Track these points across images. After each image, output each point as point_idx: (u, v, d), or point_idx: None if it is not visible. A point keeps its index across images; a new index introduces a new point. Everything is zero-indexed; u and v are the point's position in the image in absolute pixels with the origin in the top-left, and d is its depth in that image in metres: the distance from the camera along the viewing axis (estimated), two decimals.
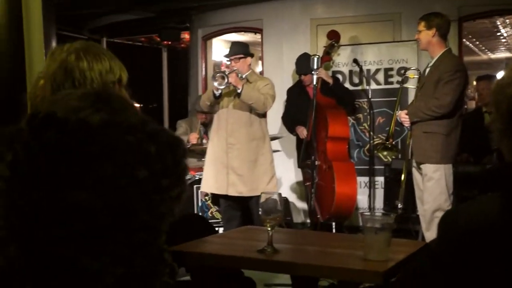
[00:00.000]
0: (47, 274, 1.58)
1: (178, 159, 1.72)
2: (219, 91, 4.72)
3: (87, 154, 1.62)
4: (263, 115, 4.94)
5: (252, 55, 5.04)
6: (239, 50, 4.93)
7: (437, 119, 4.21)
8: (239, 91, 4.65)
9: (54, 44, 6.52)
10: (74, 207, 1.59)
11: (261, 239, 2.00)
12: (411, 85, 5.46)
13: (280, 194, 2.07)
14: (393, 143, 5.27)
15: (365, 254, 1.82)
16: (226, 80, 4.64)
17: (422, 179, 4.32)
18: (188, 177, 5.56)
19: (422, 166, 4.32)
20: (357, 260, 1.82)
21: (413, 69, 5.41)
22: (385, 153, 5.26)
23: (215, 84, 4.67)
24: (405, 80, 5.45)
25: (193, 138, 6.03)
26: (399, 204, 4.88)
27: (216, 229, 5.25)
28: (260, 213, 1.98)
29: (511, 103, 1.20)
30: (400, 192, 4.86)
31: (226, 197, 4.88)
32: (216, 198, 5.22)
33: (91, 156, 1.62)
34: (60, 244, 1.58)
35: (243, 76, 4.85)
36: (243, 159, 4.81)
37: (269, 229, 1.96)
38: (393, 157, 5.60)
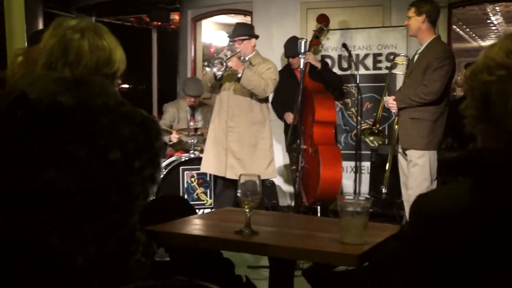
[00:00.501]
0: (16, 255, 1.58)
1: (151, 140, 1.72)
2: (220, 74, 4.70)
3: (59, 135, 1.61)
4: (265, 100, 4.92)
5: (256, 37, 5.01)
6: (243, 31, 4.91)
7: (424, 106, 4.22)
8: (239, 75, 4.62)
9: (40, 22, 6.46)
10: (45, 189, 1.59)
11: (240, 220, 2.00)
12: (400, 71, 5.46)
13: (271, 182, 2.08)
14: (380, 128, 5.29)
15: (341, 238, 1.83)
16: (224, 66, 4.62)
17: (407, 165, 4.35)
18: (174, 158, 5.58)
19: (407, 152, 4.34)
20: (334, 243, 1.82)
21: (402, 55, 5.41)
22: (371, 138, 5.28)
23: (214, 69, 4.65)
24: (393, 66, 5.46)
25: (174, 137, 5.99)
26: (384, 189, 4.92)
27: (201, 211, 5.28)
28: (238, 194, 1.99)
29: (485, 89, 1.21)
30: (385, 178, 4.89)
31: (223, 178, 4.89)
32: (214, 179, 5.24)
33: (63, 137, 1.61)
34: (29, 225, 1.58)
35: (246, 58, 4.83)
36: (243, 143, 4.82)
37: (247, 211, 1.96)
38: (380, 142, 5.62)
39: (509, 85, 1.18)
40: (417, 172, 4.25)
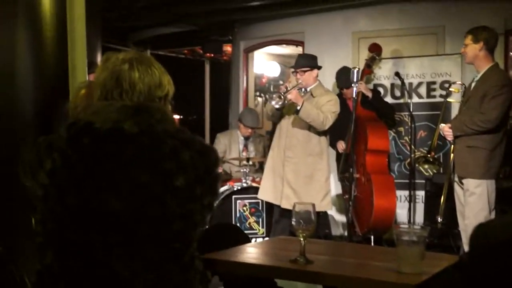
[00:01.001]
0: (80, 279, 1.63)
1: (210, 167, 1.75)
2: (280, 104, 4.72)
3: (123, 161, 1.66)
4: (324, 132, 4.91)
5: (319, 67, 5.01)
6: (306, 63, 4.93)
7: (481, 134, 4.15)
8: (298, 107, 4.64)
9: (99, 55, 6.69)
10: (109, 215, 1.64)
11: (295, 249, 2.00)
12: (455, 99, 5.38)
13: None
14: (435, 156, 5.19)
15: (398, 267, 1.80)
16: (282, 100, 4.64)
17: (464, 194, 4.25)
18: (226, 187, 5.62)
19: (464, 180, 4.26)
20: (390, 273, 1.80)
21: (458, 83, 5.33)
22: (426, 166, 5.19)
23: (273, 103, 4.68)
24: (449, 94, 5.40)
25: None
26: (440, 219, 4.80)
27: (254, 240, 5.28)
28: (293, 223, 1.99)
29: None
30: (441, 207, 4.78)
31: (280, 207, 4.90)
32: (268, 207, 5.24)
33: (126, 163, 1.66)
34: (93, 250, 1.62)
35: (308, 89, 4.84)
36: (299, 173, 4.82)
37: (301, 239, 1.96)
38: (435, 171, 5.52)
39: None
40: (474, 201, 4.15)
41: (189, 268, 1.71)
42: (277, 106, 4.68)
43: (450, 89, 5.34)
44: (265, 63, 8.74)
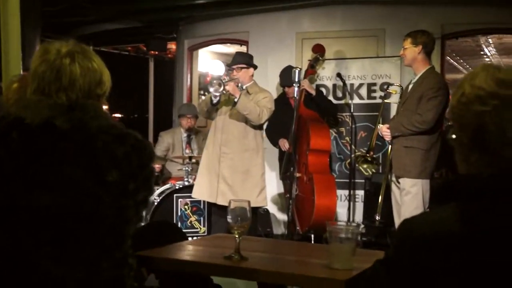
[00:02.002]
0: (9, 280, 1.59)
1: (144, 162, 1.74)
2: (217, 98, 4.73)
3: (54, 157, 1.63)
4: (259, 127, 4.95)
5: (255, 67, 5.05)
6: (242, 60, 4.97)
7: (418, 135, 4.26)
8: (236, 100, 4.66)
9: None
10: (39, 212, 1.60)
11: (231, 246, 2.01)
12: (393, 101, 5.50)
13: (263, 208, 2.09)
14: (374, 156, 5.29)
15: (330, 263, 1.84)
16: (222, 87, 4.65)
17: (400, 193, 4.35)
18: (168, 186, 5.58)
19: (400, 180, 4.36)
20: (323, 269, 1.83)
21: (396, 85, 5.44)
22: (365, 166, 5.28)
23: (211, 89, 4.68)
24: (387, 95, 5.51)
25: (156, 167, 6.00)
26: (378, 217, 4.91)
27: (195, 239, 5.26)
28: (228, 220, 2.00)
29: (479, 120, 1.23)
30: (379, 206, 4.89)
31: (216, 205, 4.89)
32: (208, 206, 5.23)
33: (58, 159, 1.63)
34: (22, 250, 1.58)
35: (244, 87, 4.86)
36: (235, 169, 4.82)
37: (236, 236, 1.97)
38: (373, 170, 5.62)
39: (504, 114, 1.20)
40: (409, 200, 4.26)
41: (122, 265, 1.69)
42: (216, 94, 4.67)
43: (388, 90, 5.45)
44: (209, 61, 8.72)
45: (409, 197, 4.25)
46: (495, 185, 1.19)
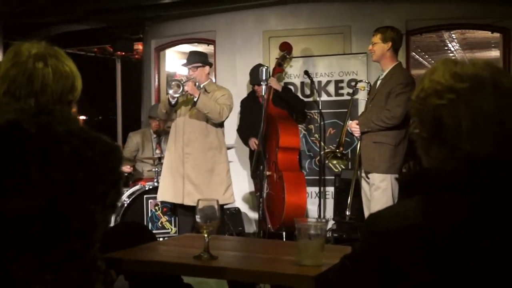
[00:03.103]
0: None
1: (113, 166, 1.73)
2: (175, 99, 4.71)
3: (20, 160, 1.61)
4: (220, 125, 4.94)
5: (210, 64, 5.05)
6: (197, 59, 4.94)
7: (386, 130, 4.29)
8: (195, 99, 4.64)
9: (1, 53, 6.41)
10: (3, 215, 1.58)
11: (200, 246, 2.00)
12: (361, 97, 5.55)
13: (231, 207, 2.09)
14: (343, 152, 5.30)
15: (299, 260, 1.85)
16: (181, 89, 4.63)
17: (370, 189, 4.39)
18: (137, 187, 5.54)
19: (370, 175, 4.38)
20: (292, 266, 1.84)
21: (364, 82, 5.47)
22: (335, 161, 5.30)
23: (170, 92, 4.65)
24: (355, 91, 5.55)
25: (126, 168, 5.93)
26: (348, 213, 4.94)
27: (166, 238, 5.24)
28: (197, 219, 1.99)
29: (436, 113, 1.25)
30: (349, 202, 4.93)
31: (182, 206, 4.87)
32: (174, 207, 5.21)
33: (22, 162, 1.61)
34: None
35: (201, 85, 4.85)
36: (199, 169, 4.81)
37: (205, 235, 1.97)
38: (343, 166, 5.66)
39: (460, 107, 1.22)
40: (379, 195, 4.29)
41: (91, 269, 1.68)
42: (175, 95, 4.65)
43: (357, 87, 5.48)
44: (177, 61, 8.68)
45: (379, 192, 4.29)
46: (454, 179, 1.21)
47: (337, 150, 5.05)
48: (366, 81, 5.49)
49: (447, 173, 1.23)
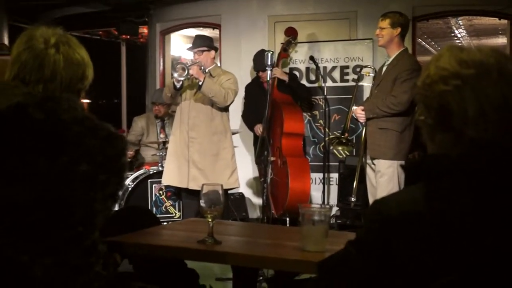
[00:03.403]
0: None
1: (116, 155, 1.73)
2: (180, 83, 4.70)
3: (24, 146, 1.61)
4: (225, 110, 4.92)
5: (216, 49, 5.03)
6: (203, 43, 4.92)
7: (392, 116, 4.26)
8: (200, 83, 4.64)
9: (6, 35, 6.40)
10: (7, 200, 1.58)
11: (204, 230, 2.01)
12: (367, 83, 5.53)
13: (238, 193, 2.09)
14: (348, 138, 5.28)
15: (302, 246, 1.86)
16: (186, 72, 4.62)
17: (375, 175, 4.36)
18: (142, 171, 5.56)
19: (375, 161, 4.36)
20: (296, 251, 1.85)
21: (369, 67, 5.42)
22: (340, 148, 5.29)
23: (175, 75, 4.64)
24: (360, 77, 5.52)
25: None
26: (353, 199, 4.94)
27: (170, 223, 5.26)
28: (201, 204, 2.00)
29: (441, 99, 1.25)
30: (354, 188, 4.92)
31: (187, 190, 4.88)
32: (178, 191, 5.23)
33: (26, 148, 1.61)
34: None
35: (206, 70, 4.84)
36: (204, 153, 4.81)
37: (209, 220, 1.98)
38: (347, 152, 5.65)
39: (466, 93, 1.22)
40: (385, 182, 4.26)
41: (91, 252, 1.69)
42: (180, 79, 4.64)
43: (362, 72, 5.45)
44: (182, 45, 8.66)
45: (385, 179, 4.27)
46: (459, 165, 1.21)
47: (342, 136, 5.05)
48: (372, 66, 5.46)
49: (452, 159, 1.23)
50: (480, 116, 1.21)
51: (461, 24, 8.14)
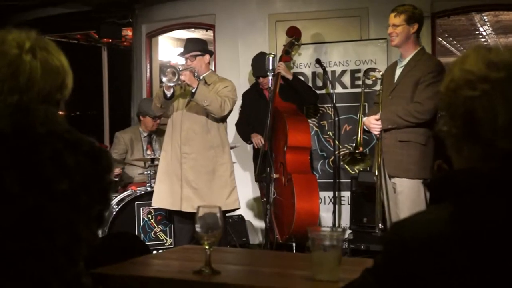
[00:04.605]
0: None
1: (100, 173, 1.73)
2: (171, 91, 4.70)
3: None
4: (222, 121, 4.94)
5: (211, 53, 5.05)
6: (195, 47, 4.94)
7: (415, 127, 4.13)
8: (193, 90, 4.64)
9: None
10: None
11: (200, 259, 2.01)
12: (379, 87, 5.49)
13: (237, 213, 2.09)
14: (363, 152, 4.93)
15: (312, 275, 1.86)
16: (177, 77, 4.62)
17: (396, 195, 4.20)
18: (128, 192, 5.56)
19: (397, 180, 4.20)
20: (305, 281, 1.85)
21: (377, 71, 4.94)
22: (355, 167, 4.84)
23: (164, 79, 4.64)
24: (374, 82, 5.37)
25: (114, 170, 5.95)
26: (380, 225, 4.63)
27: (160, 251, 5.25)
28: (197, 229, 2.00)
29: (468, 106, 1.25)
30: (377, 210, 4.56)
31: (180, 213, 4.86)
32: (169, 215, 5.22)
33: None
34: None
35: (201, 76, 4.86)
36: (199, 171, 4.81)
37: (207, 247, 1.98)
38: (366, 168, 5.42)
39: (495, 99, 1.22)
40: (408, 203, 4.08)
41: (74, 286, 1.68)
42: (170, 84, 4.64)
43: (368, 77, 5.04)
44: (171, 49, 8.70)
45: (408, 200, 4.09)
46: (490, 180, 1.21)
47: (356, 152, 4.65)
48: (379, 70, 4.97)
49: (481, 174, 1.23)
50: None
51: (486, 20, 8.18)
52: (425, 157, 4.15)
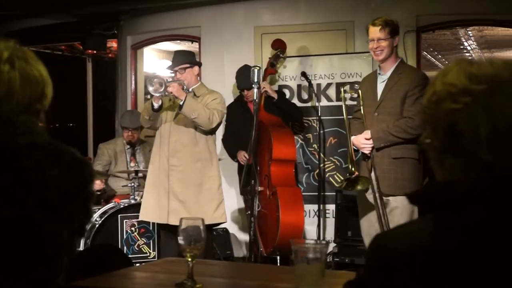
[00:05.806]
0: None
1: (81, 184, 1.72)
2: (159, 103, 4.69)
3: None
4: (211, 133, 4.92)
5: (199, 64, 5.05)
6: (184, 59, 4.93)
7: (406, 143, 4.06)
8: (181, 103, 4.64)
9: None
10: None
11: (183, 272, 2.00)
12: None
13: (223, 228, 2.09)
14: (359, 175, 4.32)
15: (296, 287, 1.85)
16: (163, 88, 4.60)
17: (388, 212, 4.10)
18: (111, 205, 5.53)
19: (391, 198, 4.11)
20: None
21: (355, 87, 4.57)
22: (359, 188, 4.49)
23: (151, 89, 4.61)
24: (354, 95, 5.06)
25: (97, 184, 5.93)
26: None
27: (143, 264, 5.22)
28: (179, 241, 1.99)
29: (449, 119, 1.26)
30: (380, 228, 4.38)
31: (166, 227, 4.84)
32: (153, 228, 5.19)
33: None
34: None
35: (190, 89, 4.85)
36: (187, 183, 4.79)
37: (189, 259, 1.97)
38: (364, 189, 5.03)
39: (477, 111, 1.23)
40: (406, 219, 3.96)
41: None
42: (156, 94, 4.62)
43: (345, 91, 4.69)
44: (156, 61, 8.70)
45: (404, 216, 4.01)
46: (472, 193, 1.22)
47: (352, 176, 4.27)
48: (357, 86, 4.60)
49: (464, 186, 1.24)
50: (494, 136, 1.22)
51: (471, 35, 8.26)
52: (419, 172, 4.11)
